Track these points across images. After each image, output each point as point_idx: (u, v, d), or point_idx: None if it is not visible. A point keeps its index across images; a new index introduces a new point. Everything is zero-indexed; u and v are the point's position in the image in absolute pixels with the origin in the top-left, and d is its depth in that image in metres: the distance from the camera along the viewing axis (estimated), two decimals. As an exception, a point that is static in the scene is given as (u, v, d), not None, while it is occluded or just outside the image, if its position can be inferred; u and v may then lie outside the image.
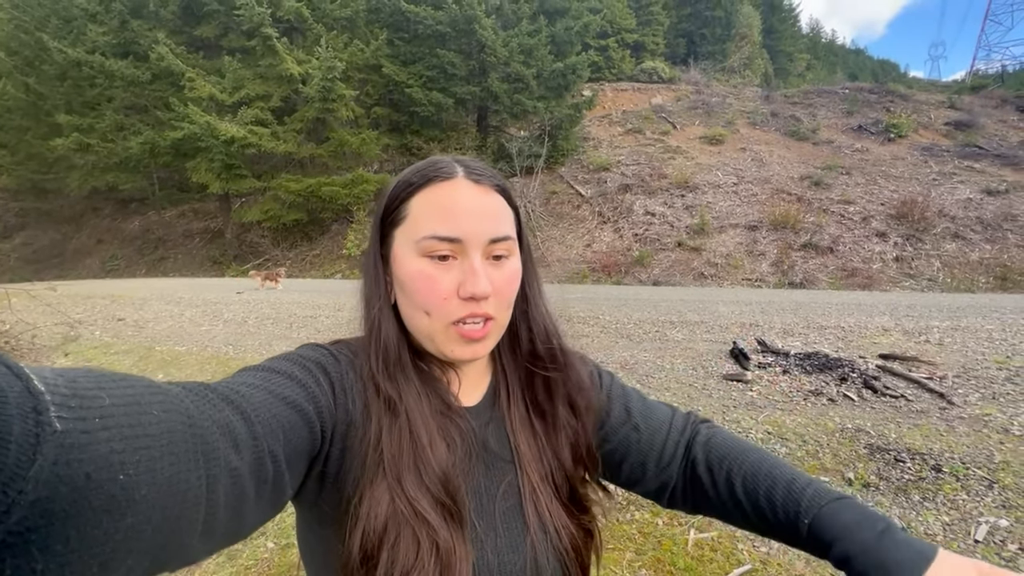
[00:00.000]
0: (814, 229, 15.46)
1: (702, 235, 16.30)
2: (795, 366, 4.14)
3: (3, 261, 22.80)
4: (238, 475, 0.35)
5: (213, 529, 0.33)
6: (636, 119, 24.68)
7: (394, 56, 19.84)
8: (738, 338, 4.97)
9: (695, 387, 3.93)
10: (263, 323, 6.79)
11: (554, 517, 0.59)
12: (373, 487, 0.50)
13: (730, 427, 3.18)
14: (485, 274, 0.54)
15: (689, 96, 27.48)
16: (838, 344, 4.89)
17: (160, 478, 0.28)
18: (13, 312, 6.17)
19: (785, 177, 18.60)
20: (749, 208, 17.16)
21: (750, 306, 7.71)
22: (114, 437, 0.26)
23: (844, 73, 49.04)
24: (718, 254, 15.52)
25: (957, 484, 2.50)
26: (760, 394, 3.73)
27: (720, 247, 15.81)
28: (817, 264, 14.44)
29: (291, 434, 0.44)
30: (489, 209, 0.56)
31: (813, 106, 25.29)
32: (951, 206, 15.83)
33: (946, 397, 3.45)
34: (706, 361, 4.53)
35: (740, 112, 24.88)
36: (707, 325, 6.07)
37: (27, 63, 19.04)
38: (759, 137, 22.53)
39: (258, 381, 0.45)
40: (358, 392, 0.54)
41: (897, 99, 25.38)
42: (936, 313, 6.45)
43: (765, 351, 4.62)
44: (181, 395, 0.33)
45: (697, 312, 7.13)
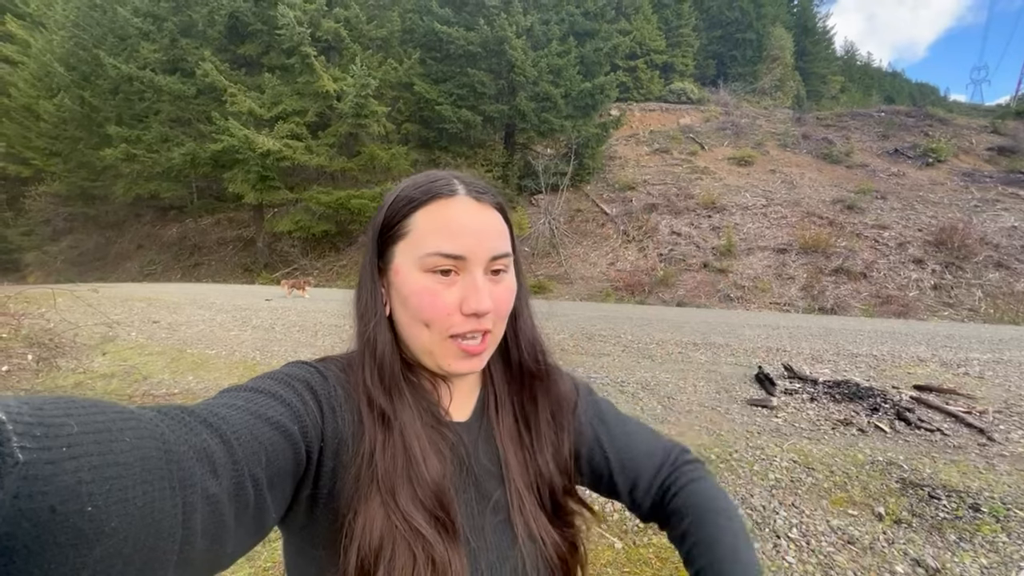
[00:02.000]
0: (847, 254, 15.05)
1: (729, 257, 16.04)
2: (823, 394, 4.01)
3: (50, 263, 24.02)
4: (216, 501, 0.34)
5: (190, 559, 0.32)
6: (663, 139, 24.64)
7: (426, 75, 20.38)
8: (764, 363, 4.85)
9: (718, 411, 3.84)
10: (290, 331, 6.94)
11: (540, 527, 0.59)
12: (368, 502, 0.49)
13: (754, 454, 3.09)
14: (487, 290, 0.55)
15: (718, 117, 27.33)
16: (870, 373, 4.72)
17: (131, 508, 0.27)
18: (58, 311, 6.48)
19: (816, 200, 18.23)
20: (778, 231, 16.83)
21: (777, 330, 7.52)
22: (82, 467, 0.25)
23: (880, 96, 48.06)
24: (745, 276, 15.22)
25: (997, 525, 2.37)
26: (786, 421, 3.62)
27: (747, 269, 15.52)
28: (849, 290, 14.02)
29: (274, 456, 0.42)
30: (490, 227, 0.56)
31: (847, 129, 24.82)
32: (994, 234, 15.21)
33: (986, 433, 3.28)
34: (730, 385, 4.43)
35: (770, 134, 24.59)
36: (732, 348, 5.94)
37: (83, 78, 20.27)
38: (790, 159, 22.19)
39: (240, 402, 0.44)
40: (348, 408, 0.53)
41: (936, 123, 24.70)
42: (977, 345, 6.17)
43: (792, 377, 4.49)
44: (156, 420, 0.32)
45: (722, 335, 6.98)
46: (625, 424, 0.70)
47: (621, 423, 0.70)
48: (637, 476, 0.66)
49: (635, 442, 0.68)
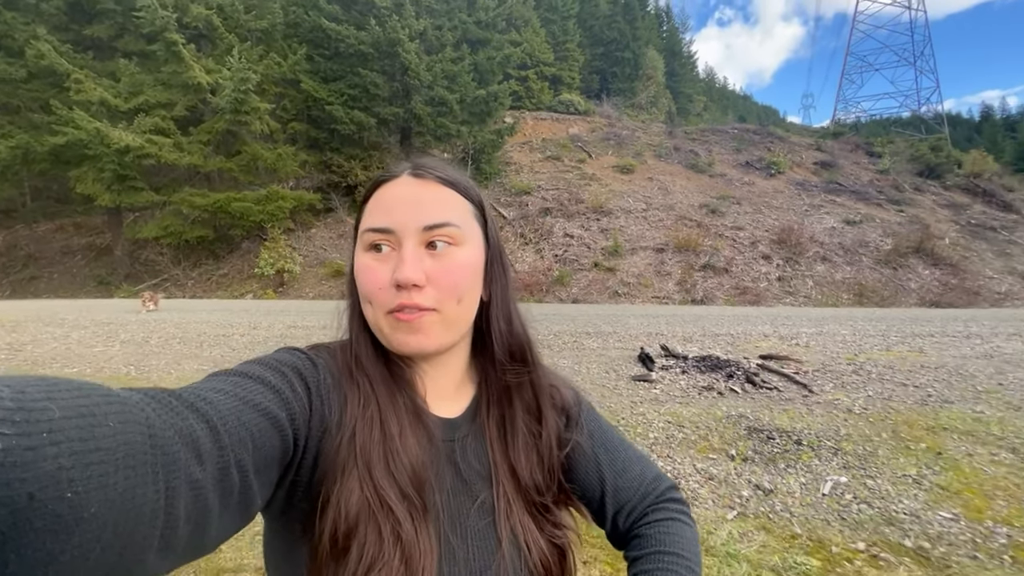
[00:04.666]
0: (712, 252, 17.18)
1: (616, 256, 17.47)
2: (692, 367, 4.69)
3: None
4: (200, 487, 0.34)
5: (173, 544, 0.32)
6: (555, 147, 26.04)
7: (314, 72, 19.46)
8: (645, 345, 5.51)
9: (607, 387, 4.33)
10: (168, 343, 6.32)
11: (525, 532, 0.58)
12: (344, 477, 0.50)
13: (637, 419, 3.58)
14: (417, 262, 0.53)
15: (603, 128, 29.52)
16: (728, 348, 5.58)
17: (113, 494, 0.26)
18: None
19: (687, 205, 20.52)
20: (657, 232, 18.69)
21: (657, 319, 8.47)
22: (62, 452, 0.24)
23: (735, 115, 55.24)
24: (630, 274, 16.69)
25: (812, 453, 3.04)
26: (663, 391, 4.19)
27: (632, 267, 17.03)
28: (715, 283, 16.03)
29: (261, 442, 0.42)
30: (425, 198, 0.55)
31: (709, 143, 28.24)
32: (820, 233, 18.37)
33: (808, 387, 4.12)
34: (617, 365, 4.98)
35: (647, 145, 27.15)
36: (619, 335, 6.61)
37: None
38: (664, 168, 24.70)
39: (228, 387, 0.44)
40: (336, 395, 0.54)
41: (776, 140, 29.10)
42: (806, 322, 7.53)
43: (668, 356, 5.17)
44: (141, 404, 0.32)
45: (611, 325, 7.71)
46: (625, 450, 0.69)
47: (622, 448, 0.69)
48: (625, 503, 0.66)
49: (631, 469, 0.67)
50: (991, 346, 5.64)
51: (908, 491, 2.63)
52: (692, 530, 0.66)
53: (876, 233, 18.70)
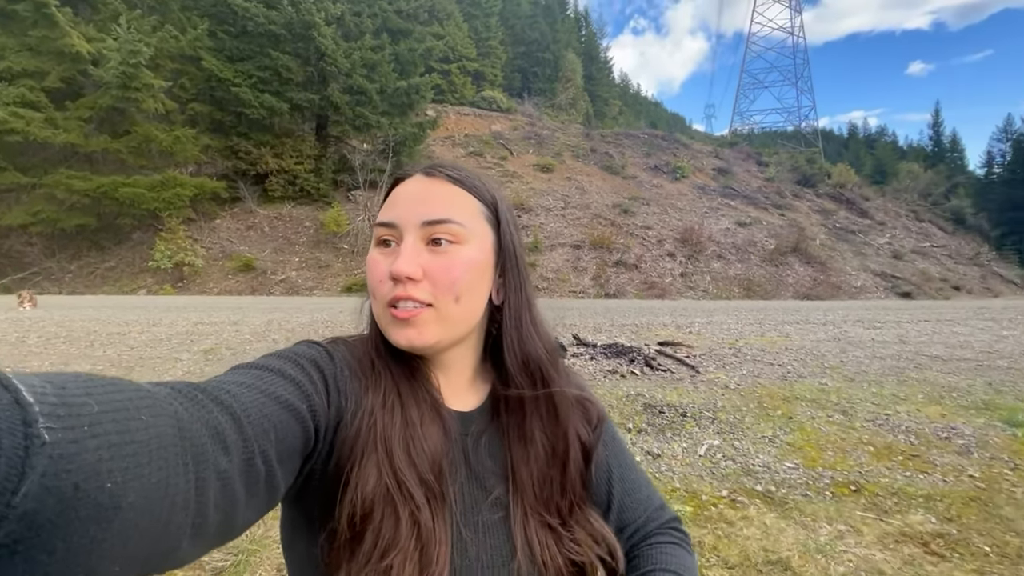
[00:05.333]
0: (623, 249, 18.37)
1: (536, 252, 18.09)
2: (600, 354, 5.17)
3: None
4: (228, 477, 0.36)
5: (203, 531, 0.34)
6: (477, 143, 26.25)
7: (217, 50, 18.00)
8: (559, 335, 5.94)
9: (524, 375, 4.68)
10: (51, 343, 5.73)
11: (542, 546, 0.57)
12: (364, 461, 0.51)
13: (550, 401, 3.94)
14: (415, 256, 0.53)
15: (524, 127, 30.21)
16: (632, 337, 6.17)
17: (148, 484, 0.28)
18: None
19: (602, 204, 21.69)
20: (574, 230, 19.59)
21: (572, 311, 9.03)
22: (102, 445, 0.26)
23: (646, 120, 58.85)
24: (550, 269, 17.39)
25: (694, 423, 3.57)
26: (574, 376, 4.62)
27: (551, 263, 17.75)
28: (626, 278, 17.18)
29: (283, 433, 0.43)
30: (430, 194, 0.56)
31: (622, 146, 29.95)
32: (716, 233, 20.31)
33: (695, 368, 4.73)
34: (534, 355, 5.36)
35: (567, 145, 28.23)
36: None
37: None
38: (582, 169, 25.86)
39: (250, 380, 0.45)
40: (353, 387, 0.55)
41: (681, 147, 31.55)
42: (699, 313, 8.44)
43: (579, 344, 5.63)
44: (170, 398, 0.34)
45: (530, 318, 8.14)
46: (635, 470, 0.69)
47: (634, 468, 0.69)
48: (631, 521, 0.66)
49: (640, 488, 0.68)
50: (840, 331, 6.75)
51: (764, 449, 3.21)
52: (693, 559, 0.66)
53: (763, 234, 21.04)
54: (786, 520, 2.32)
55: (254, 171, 19.27)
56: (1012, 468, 2.83)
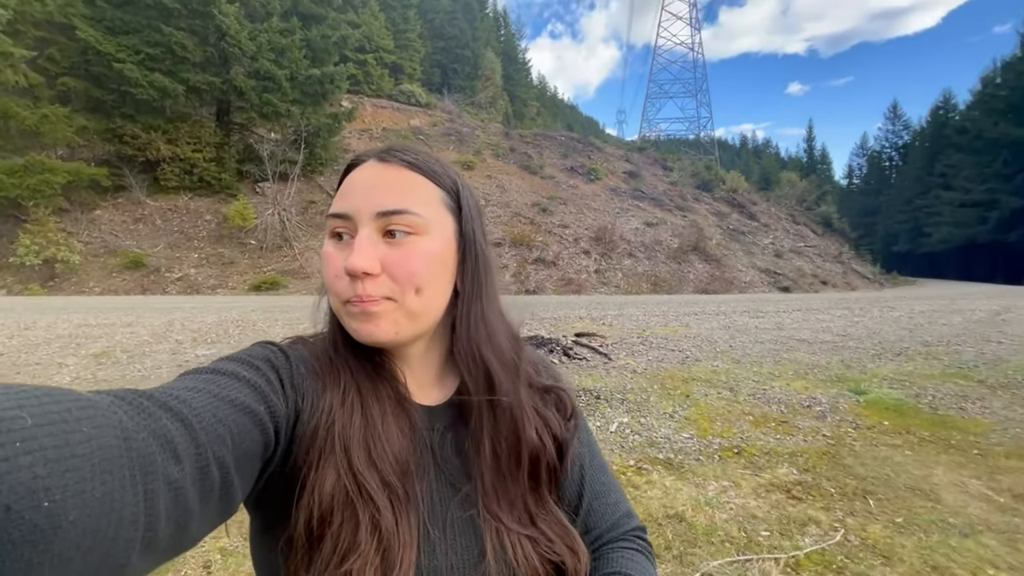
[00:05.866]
0: (542, 247, 19.00)
1: (457, 249, 18.16)
2: (521, 346, 5.44)
3: None
4: (179, 487, 0.34)
5: (154, 544, 0.32)
6: (396, 138, 25.68)
7: (95, 19, 15.96)
8: (483, 330, 6.14)
9: (450, 368, 4.80)
10: None
11: (514, 547, 0.55)
12: (321, 463, 0.49)
13: (475, 392, 4.11)
14: (370, 250, 0.51)
15: (444, 123, 30.02)
16: (551, 329, 6.52)
17: (91, 500, 0.26)
18: None
19: (521, 203, 22.22)
20: (495, 228, 19.89)
21: (494, 307, 9.28)
22: (37, 462, 0.24)
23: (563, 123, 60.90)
24: (471, 266, 17.55)
25: (606, 404, 3.92)
26: (497, 368, 4.83)
27: (473, 260, 17.91)
28: (545, 275, 17.79)
29: (240, 438, 0.42)
30: (384, 182, 0.53)
31: (541, 146, 30.81)
32: (627, 233, 21.65)
33: (608, 356, 5.14)
34: (458, 349, 5.50)
35: (487, 144, 28.49)
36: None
37: None
38: (502, 167, 26.26)
39: (201, 384, 0.43)
40: (311, 385, 0.53)
41: (595, 150, 33.10)
42: (612, 307, 9.06)
43: (502, 337, 5.87)
44: (113, 407, 0.32)
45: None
46: (606, 472, 0.68)
47: (603, 470, 0.67)
48: (596, 525, 0.64)
49: (610, 492, 0.66)
50: (730, 320, 7.62)
51: (665, 423, 3.62)
52: (654, 568, 0.64)
53: (667, 234, 22.76)
54: (682, 481, 2.69)
55: (143, 157, 17.33)
56: (855, 427, 3.47)
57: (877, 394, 4.38)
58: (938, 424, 3.79)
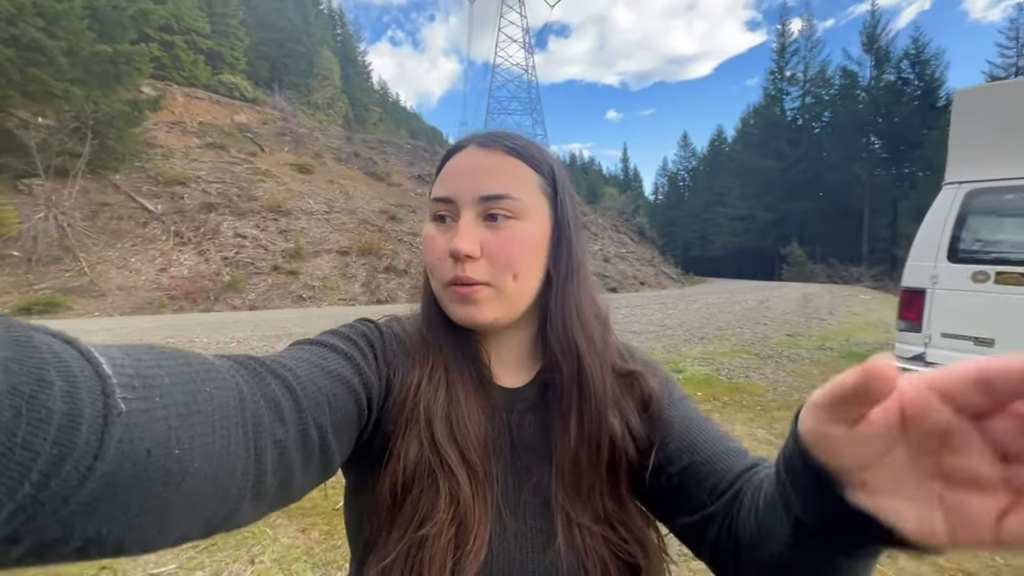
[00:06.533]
0: (393, 255, 18.64)
1: (298, 259, 16.79)
2: (383, 354, 5.40)
3: None
4: (284, 446, 0.37)
5: (262, 495, 0.35)
6: (218, 134, 22.71)
7: None
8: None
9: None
10: None
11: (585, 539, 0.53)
12: (407, 432, 0.51)
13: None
14: (473, 233, 0.52)
15: (276, 121, 27.47)
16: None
17: (211, 451, 0.29)
18: None
19: (368, 210, 21.49)
20: (340, 235, 18.90)
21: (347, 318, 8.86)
22: (171, 415, 0.27)
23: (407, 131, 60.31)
24: (315, 277, 16.39)
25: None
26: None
27: (316, 270, 16.74)
28: (397, 284, 17.49)
29: (337, 405, 0.45)
30: (485, 167, 0.55)
31: (386, 153, 30.16)
32: (476, 241, 22.48)
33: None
34: (314, 362, 5.22)
35: (327, 147, 26.88)
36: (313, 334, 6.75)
37: None
38: (345, 172, 25.04)
39: (306, 355, 0.46)
40: (403, 360, 0.55)
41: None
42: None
43: (361, 347, 5.74)
44: (232, 371, 0.35)
45: (301, 327, 7.68)
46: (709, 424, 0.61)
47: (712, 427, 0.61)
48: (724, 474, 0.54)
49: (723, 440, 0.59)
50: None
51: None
52: None
53: (513, 242, 24.21)
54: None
55: None
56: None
57: (691, 371, 5.43)
58: (733, 390, 4.87)
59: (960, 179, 3.71)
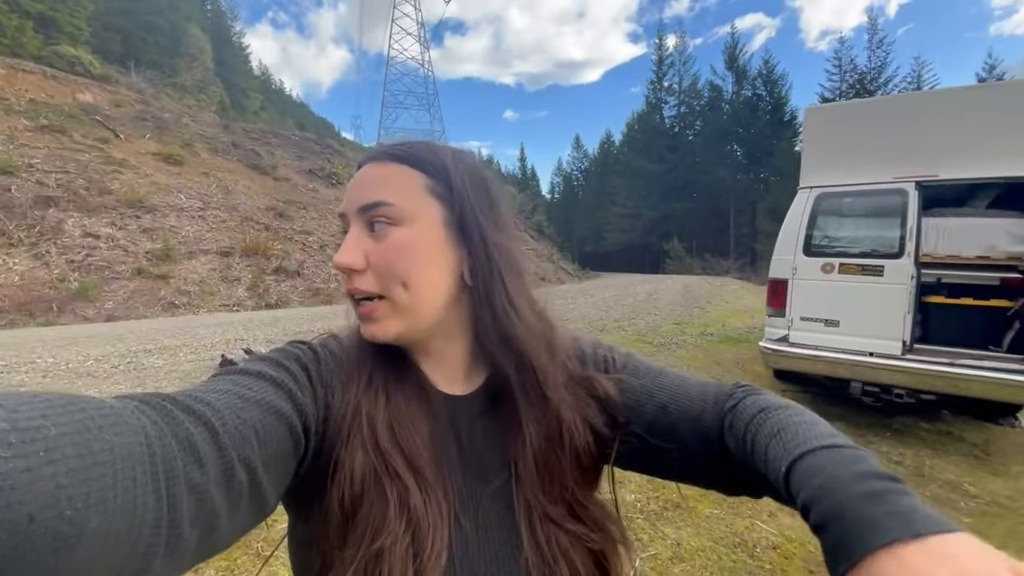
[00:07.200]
0: (283, 256, 17.26)
1: (169, 261, 14.85)
2: (279, 363, 4.97)
3: None
4: (203, 490, 0.34)
5: (179, 549, 0.32)
6: (57, 115, 19.23)
7: None
8: (227, 352, 5.31)
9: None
10: None
11: (550, 539, 0.53)
12: (350, 443, 0.49)
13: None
14: (355, 245, 0.52)
15: (134, 104, 23.97)
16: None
17: (113, 507, 0.26)
18: None
19: (252, 207, 19.66)
20: (220, 234, 17.06)
21: (233, 326, 8.05)
22: (59, 471, 0.24)
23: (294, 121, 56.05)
24: (190, 281, 14.61)
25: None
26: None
27: (191, 274, 14.94)
28: (288, 286, 16.23)
29: (267, 437, 0.41)
30: (368, 178, 0.54)
31: (271, 145, 27.78)
32: (376, 239, 21.63)
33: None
34: (194, 377, 4.64)
35: (200, 136, 24.07)
36: (191, 347, 5.99)
37: None
38: (223, 165, 22.62)
39: (227, 386, 0.43)
40: (339, 375, 0.53)
41: (334, 152, 31.75)
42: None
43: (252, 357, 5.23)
44: (137, 412, 0.32)
45: (176, 338, 6.80)
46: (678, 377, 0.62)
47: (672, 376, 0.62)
48: (701, 415, 0.56)
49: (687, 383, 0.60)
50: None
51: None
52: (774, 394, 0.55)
53: (414, 240, 23.68)
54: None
55: None
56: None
57: (589, 361, 5.68)
58: (626, 376, 5.17)
59: (811, 184, 4.34)
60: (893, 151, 4.05)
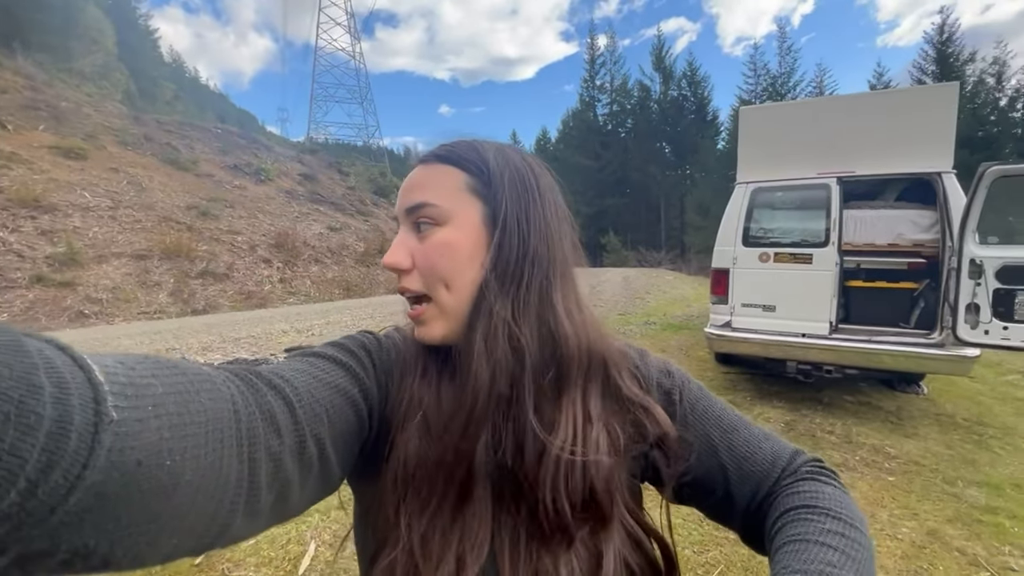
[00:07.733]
0: (209, 257, 16.08)
1: (75, 266, 13.39)
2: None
3: None
4: (279, 458, 0.37)
5: (257, 509, 0.35)
6: (-79, 101, 16.74)
7: None
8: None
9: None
10: None
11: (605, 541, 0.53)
12: (405, 426, 0.52)
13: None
14: (402, 246, 0.54)
15: (22, 91, 21.31)
16: (253, 349, 5.78)
17: (203, 463, 0.29)
18: None
19: (171, 205, 18.15)
20: (134, 236, 15.61)
21: (160, 334, 7.43)
22: (164, 425, 0.27)
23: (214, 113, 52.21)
24: (101, 288, 13.27)
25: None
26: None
27: (103, 280, 13.58)
28: (217, 290, 15.17)
29: (336, 417, 0.45)
30: (414, 181, 0.55)
31: (190, 139, 25.74)
32: (311, 238, 20.65)
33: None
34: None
35: (105, 127, 21.83)
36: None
37: None
38: (134, 160, 20.67)
39: (303, 366, 0.46)
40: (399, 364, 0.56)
41: (262, 147, 29.96)
42: (315, 316, 8.66)
43: (191, 367, 4.86)
44: (227, 381, 0.35)
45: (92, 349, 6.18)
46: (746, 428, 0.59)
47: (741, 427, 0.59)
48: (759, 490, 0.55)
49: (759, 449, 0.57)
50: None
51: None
52: (834, 488, 0.52)
53: (353, 238, 22.87)
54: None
55: None
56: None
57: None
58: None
59: (747, 180, 4.67)
60: (818, 149, 4.46)
